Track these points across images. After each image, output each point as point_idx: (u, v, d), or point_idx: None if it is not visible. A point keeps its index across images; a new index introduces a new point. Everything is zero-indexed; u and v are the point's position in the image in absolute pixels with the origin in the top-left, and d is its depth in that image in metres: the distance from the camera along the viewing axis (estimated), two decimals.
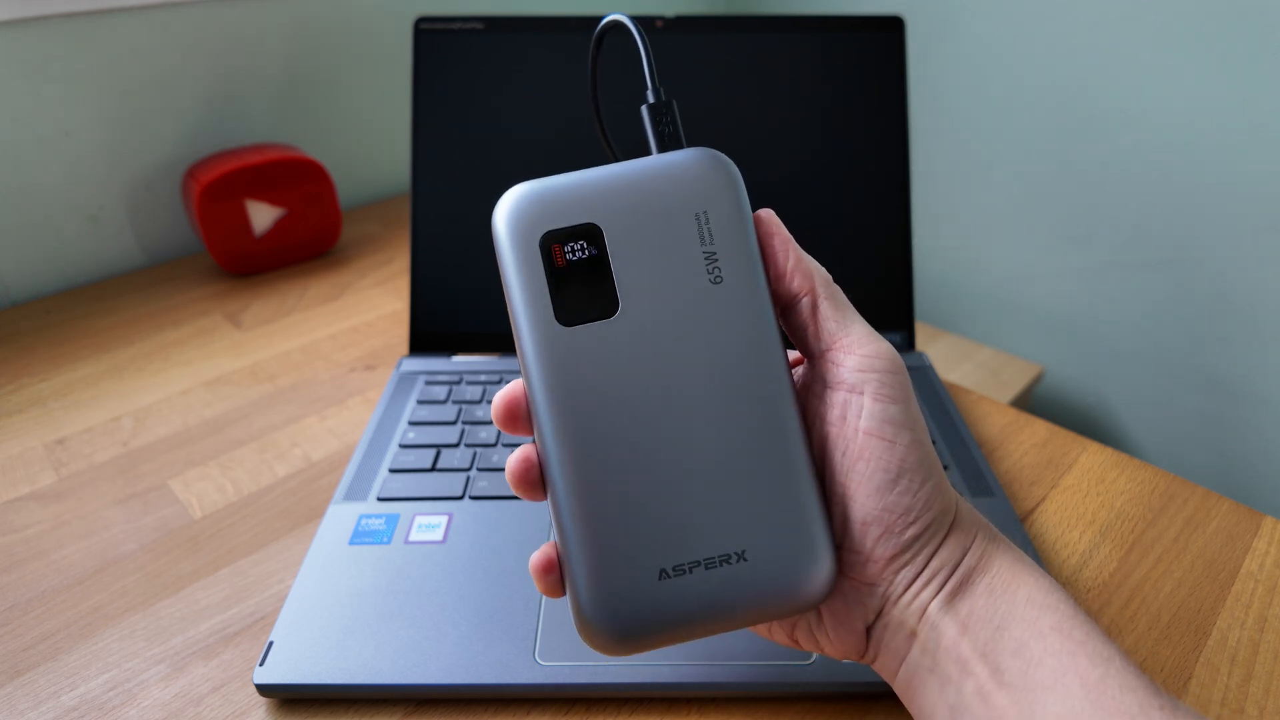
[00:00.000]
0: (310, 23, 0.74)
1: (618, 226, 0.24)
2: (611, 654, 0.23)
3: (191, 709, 0.32)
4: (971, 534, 0.24)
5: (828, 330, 0.25)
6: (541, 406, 0.23)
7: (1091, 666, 0.21)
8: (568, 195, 0.24)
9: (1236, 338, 0.87)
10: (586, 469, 0.23)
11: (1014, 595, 0.23)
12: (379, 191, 0.85)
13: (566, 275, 0.24)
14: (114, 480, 0.45)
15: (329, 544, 0.38)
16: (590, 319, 0.24)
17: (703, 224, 0.24)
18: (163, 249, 0.71)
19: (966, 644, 0.22)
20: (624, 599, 0.22)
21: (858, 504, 0.23)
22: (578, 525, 0.23)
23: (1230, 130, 0.80)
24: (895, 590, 0.23)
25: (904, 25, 0.52)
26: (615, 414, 0.23)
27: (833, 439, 0.24)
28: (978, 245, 1.06)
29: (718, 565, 0.23)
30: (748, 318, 0.24)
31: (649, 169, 0.24)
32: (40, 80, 0.61)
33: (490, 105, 0.52)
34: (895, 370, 0.24)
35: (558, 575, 0.24)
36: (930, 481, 0.23)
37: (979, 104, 0.99)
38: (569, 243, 0.24)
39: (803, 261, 0.25)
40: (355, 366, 0.55)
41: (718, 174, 0.24)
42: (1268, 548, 0.39)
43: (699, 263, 0.24)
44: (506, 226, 0.24)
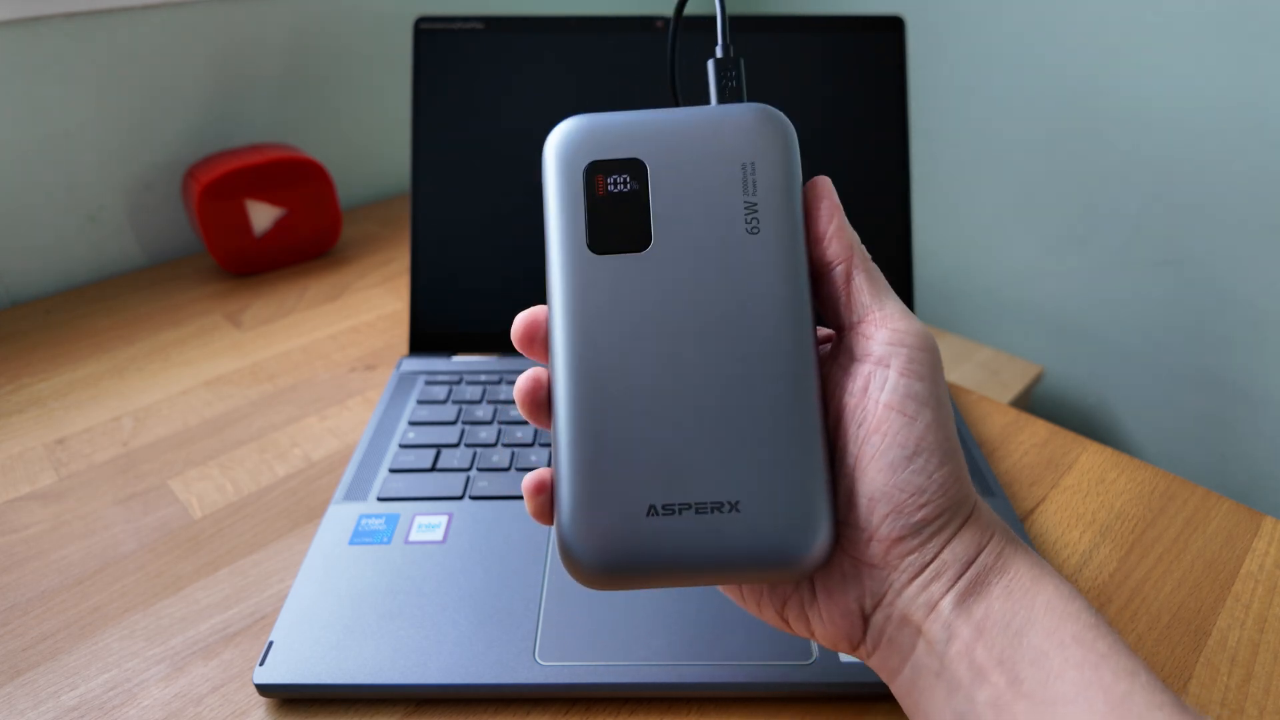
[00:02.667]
0: (310, 23, 0.74)
1: (662, 165, 0.24)
2: (589, 584, 0.22)
3: (191, 709, 0.32)
4: (988, 533, 0.23)
5: (860, 302, 0.24)
6: (558, 327, 0.23)
7: (1116, 681, 0.20)
8: (619, 130, 0.24)
9: (1236, 338, 0.87)
10: (590, 394, 0.23)
11: (1033, 600, 0.22)
12: (379, 191, 0.85)
13: (605, 205, 0.24)
14: (114, 480, 0.45)
15: (329, 544, 0.38)
16: (621, 250, 0.24)
17: (748, 174, 0.24)
18: (163, 249, 0.71)
19: (981, 648, 0.21)
20: (608, 529, 0.22)
21: (868, 478, 0.22)
22: (572, 448, 0.22)
23: (1230, 131, 0.80)
24: (900, 578, 0.22)
25: (904, 26, 0.52)
26: (629, 345, 0.23)
27: (851, 409, 0.23)
28: (978, 245, 1.06)
29: (709, 511, 0.22)
30: (778, 272, 0.23)
31: (704, 115, 0.25)
32: (40, 80, 0.61)
33: (490, 105, 0.52)
34: (926, 348, 0.23)
35: (547, 497, 0.23)
36: (948, 466, 0.22)
37: (979, 104, 0.99)
38: (612, 174, 0.24)
39: (844, 230, 0.24)
40: (355, 366, 0.55)
41: (770, 128, 0.24)
42: (1268, 548, 0.39)
43: (738, 211, 0.24)
44: (554, 152, 0.25)
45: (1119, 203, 0.91)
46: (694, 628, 0.33)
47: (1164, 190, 0.87)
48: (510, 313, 0.52)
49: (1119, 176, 0.90)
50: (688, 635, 0.33)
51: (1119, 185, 0.90)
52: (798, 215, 0.24)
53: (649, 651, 0.32)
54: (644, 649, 0.32)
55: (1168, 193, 0.86)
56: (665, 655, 0.32)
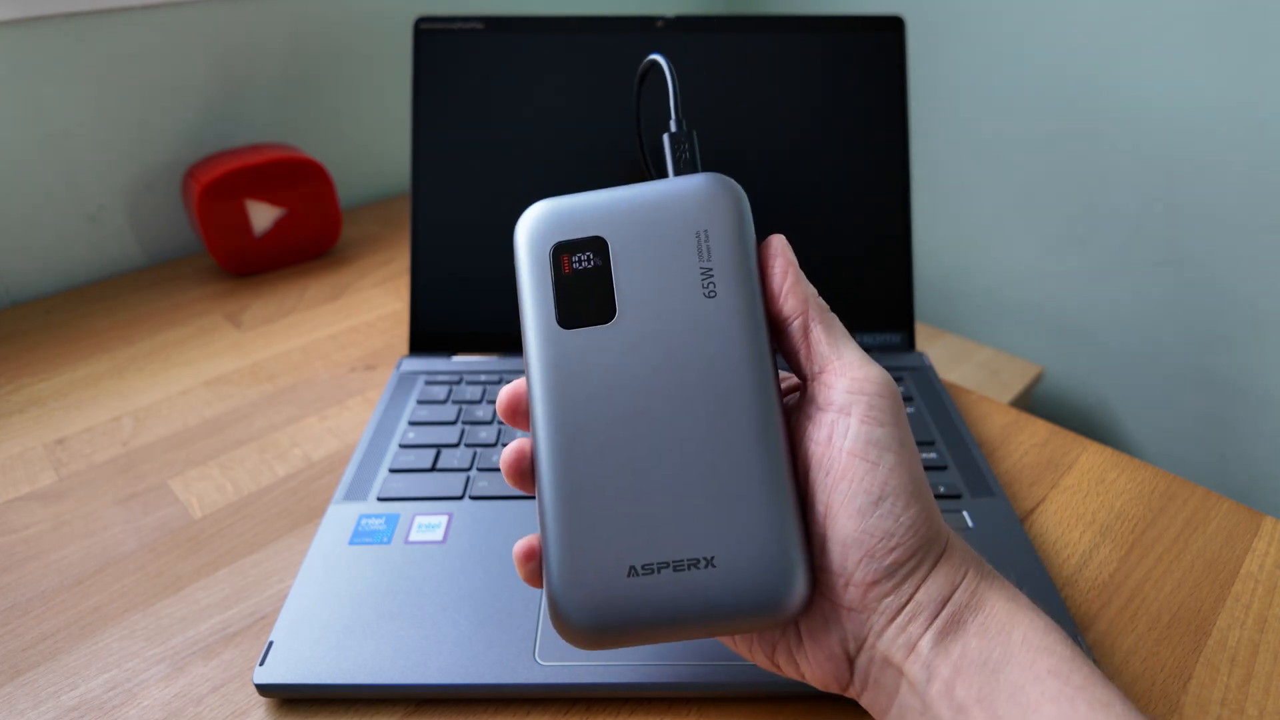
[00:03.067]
0: (310, 23, 0.74)
1: (622, 240, 0.26)
2: (579, 645, 0.23)
3: (191, 709, 0.32)
4: (962, 570, 0.24)
5: (819, 354, 0.25)
6: (536, 401, 0.25)
7: (1091, 712, 0.20)
8: (581, 211, 0.26)
9: (1236, 338, 0.87)
10: (570, 462, 0.24)
11: (1009, 636, 0.22)
12: (379, 191, 0.85)
13: (572, 282, 0.25)
14: (114, 480, 0.45)
15: (329, 544, 0.38)
16: (589, 323, 0.25)
17: (702, 242, 0.25)
18: (163, 249, 0.71)
19: (960, 686, 0.22)
20: (592, 592, 0.23)
21: (839, 525, 0.23)
22: (556, 515, 0.24)
23: (1230, 130, 0.80)
24: (879, 620, 0.23)
25: (904, 25, 0.52)
26: (603, 413, 0.24)
27: (817, 459, 0.24)
28: (978, 245, 1.06)
29: (686, 569, 0.23)
30: (737, 332, 0.25)
31: (660, 190, 0.26)
32: (40, 80, 0.61)
33: (490, 105, 0.52)
34: (885, 394, 0.24)
35: (537, 564, 0.25)
36: (914, 507, 0.23)
37: (979, 104, 0.99)
38: (576, 253, 0.26)
39: (799, 285, 0.25)
40: (355, 366, 0.55)
41: (722, 196, 0.26)
42: (1268, 548, 0.39)
43: (695, 277, 0.25)
44: (524, 235, 0.26)
45: (1119, 203, 0.91)
46: None
47: (1164, 190, 0.87)
48: (511, 313, 0.52)
49: (1119, 176, 0.90)
50: None
51: (1119, 185, 0.90)
52: (753, 276, 0.25)
53: (649, 651, 0.32)
54: (644, 650, 0.32)
55: (1168, 193, 0.86)
56: (665, 655, 0.32)
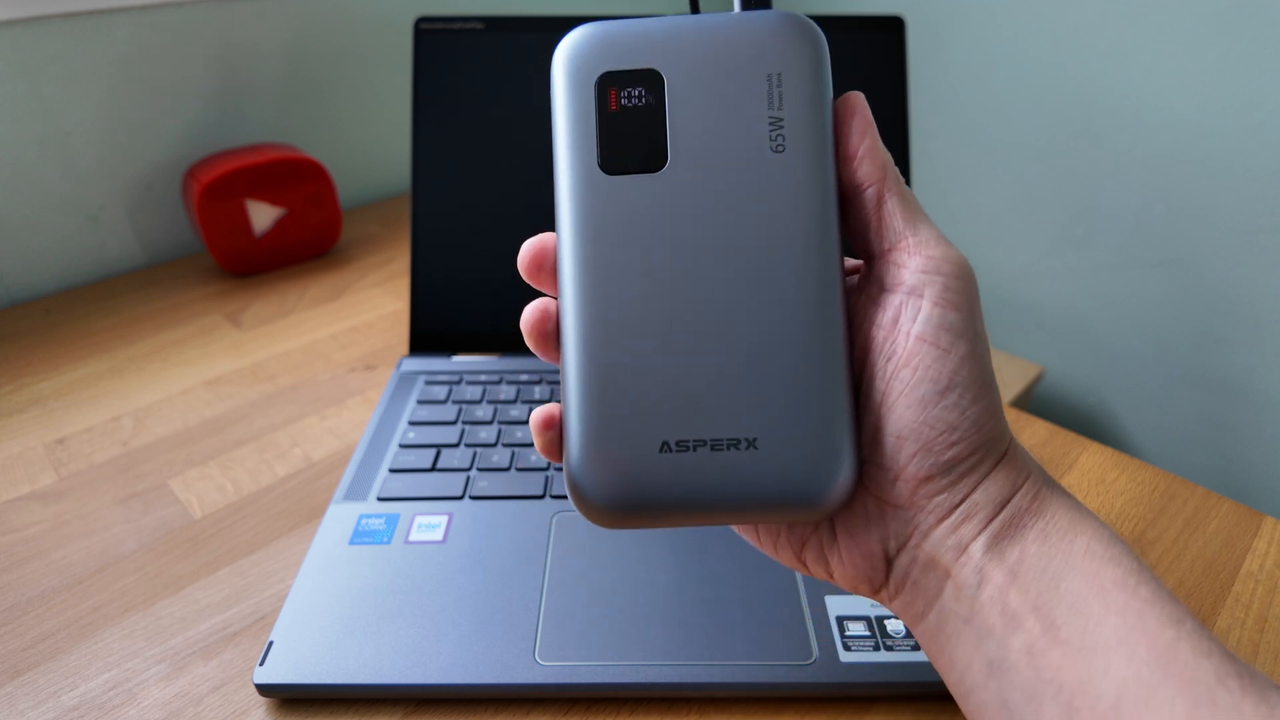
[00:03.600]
0: (310, 23, 0.74)
1: (681, 77, 0.22)
2: (599, 523, 0.21)
3: (191, 709, 0.32)
4: (1024, 472, 0.22)
5: (892, 228, 0.22)
6: (566, 253, 0.22)
7: (1161, 628, 0.18)
8: (634, 38, 0.23)
9: (1236, 338, 0.87)
10: (601, 324, 0.21)
11: (1071, 544, 0.20)
12: (379, 191, 0.85)
13: (619, 121, 0.22)
14: (114, 480, 0.45)
15: (329, 544, 0.38)
16: (635, 170, 0.22)
17: (774, 86, 0.22)
18: (163, 249, 0.71)
19: (1015, 593, 0.20)
20: (619, 465, 0.21)
21: (896, 414, 0.21)
22: (582, 382, 0.21)
23: (1230, 130, 0.80)
24: (927, 520, 0.21)
25: (904, 25, 0.52)
26: (642, 272, 0.22)
27: (879, 342, 0.21)
28: (978, 245, 1.06)
29: (725, 448, 0.21)
30: (804, 193, 0.22)
31: (727, 22, 0.23)
32: (40, 80, 0.61)
33: (490, 105, 0.52)
34: (963, 277, 0.21)
35: (557, 433, 0.22)
36: (982, 402, 0.21)
37: (979, 104, 0.99)
38: (626, 87, 0.22)
39: (877, 150, 0.23)
40: (355, 366, 0.55)
41: (800, 37, 0.23)
42: (1268, 548, 0.39)
43: (763, 127, 0.22)
44: (564, 63, 0.23)
45: (1119, 203, 0.91)
46: (694, 628, 0.33)
47: (1164, 190, 0.87)
48: (511, 313, 0.52)
49: (1119, 177, 0.90)
50: (688, 635, 0.33)
51: (1119, 185, 0.90)
52: (827, 133, 0.22)
53: (649, 651, 0.32)
54: (644, 649, 0.32)
55: (1168, 193, 0.86)
56: (665, 655, 0.32)
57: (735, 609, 0.34)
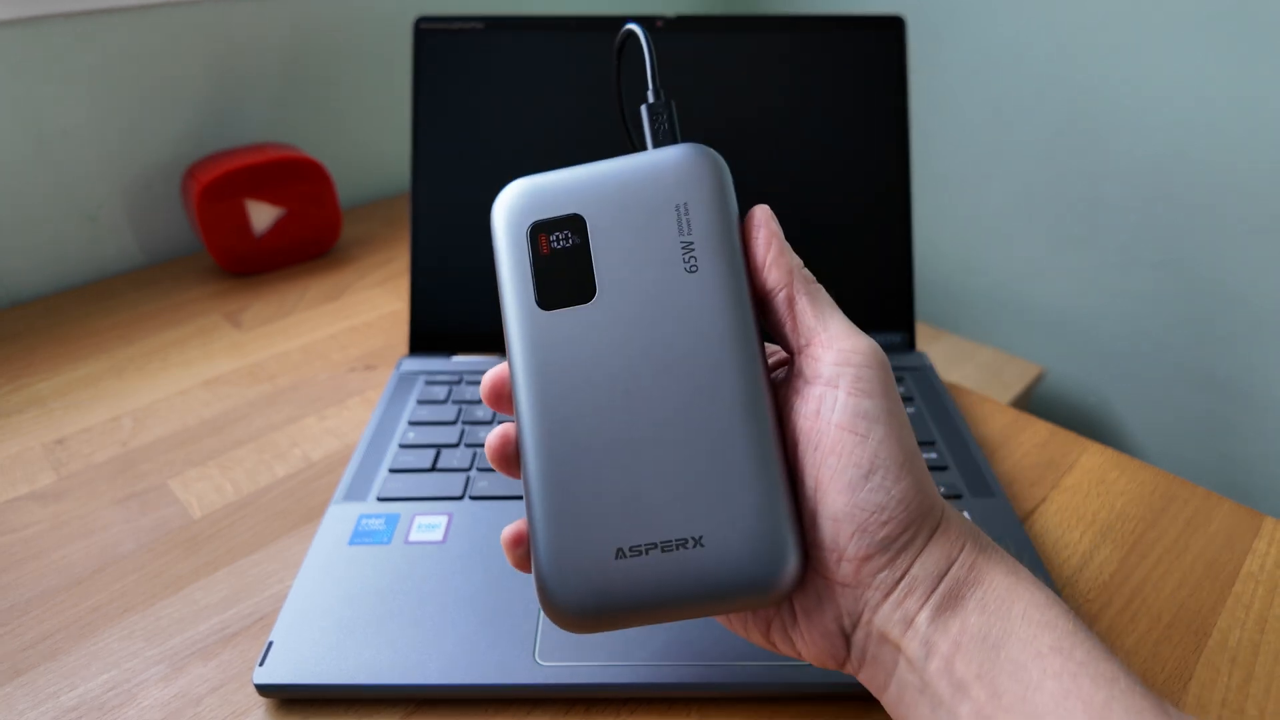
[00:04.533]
0: (310, 23, 0.74)
1: (601, 217, 0.25)
2: (569, 629, 0.23)
3: (191, 709, 0.32)
4: (959, 543, 0.23)
5: (805, 325, 0.24)
6: (519, 384, 0.24)
7: (1095, 689, 0.20)
8: (558, 188, 0.25)
9: (1237, 338, 0.87)
10: (554, 446, 0.23)
11: (1009, 611, 0.22)
12: (379, 191, 0.85)
13: (550, 262, 0.25)
14: (113, 480, 0.45)
15: (329, 544, 0.38)
16: (569, 303, 0.24)
17: (682, 215, 0.25)
18: (162, 249, 0.71)
19: (960, 663, 0.21)
20: (581, 575, 0.23)
21: (829, 499, 0.22)
22: (542, 500, 0.23)
23: (1230, 130, 0.80)
24: (874, 596, 0.22)
25: (905, 25, 0.52)
26: (586, 394, 0.24)
27: (806, 433, 0.23)
28: (978, 245, 1.06)
29: (674, 549, 0.22)
30: (719, 307, 0.24)
31: (638, 163, 0.25)
32: (40, 80, 0.61)
33: (490, 105, 0.52)
34: (873, 365, 0.23)
35: (525, 550, 0.24)
36: (906, 480, 0.22)
37: (980, 104, 0.99)
38: (554, 231, 0.25)
39: (783, 256, 0.25)
40: (355, 366, 0.55)
41: (701, 167, 0.25)
42: (1268, 548, 0.39)
43: (675, 251, 0.24)
44: (501, 216, 0.26)
45: (1120, 203, 0.91)
46: (694, 628, 0.33)
47: (1165, 190, 0.87)
48: None
49: (1120, 176, 0.90)
50: (688, 635, 0.33)
51: (1120, 185, 0.90)
52: (735, 248, 0.25)
53: (649, 651, 0.32)
54: (644, 649, 0.32)
55: (1169, 193, 0.86)
56: (665, 655, 0.32)
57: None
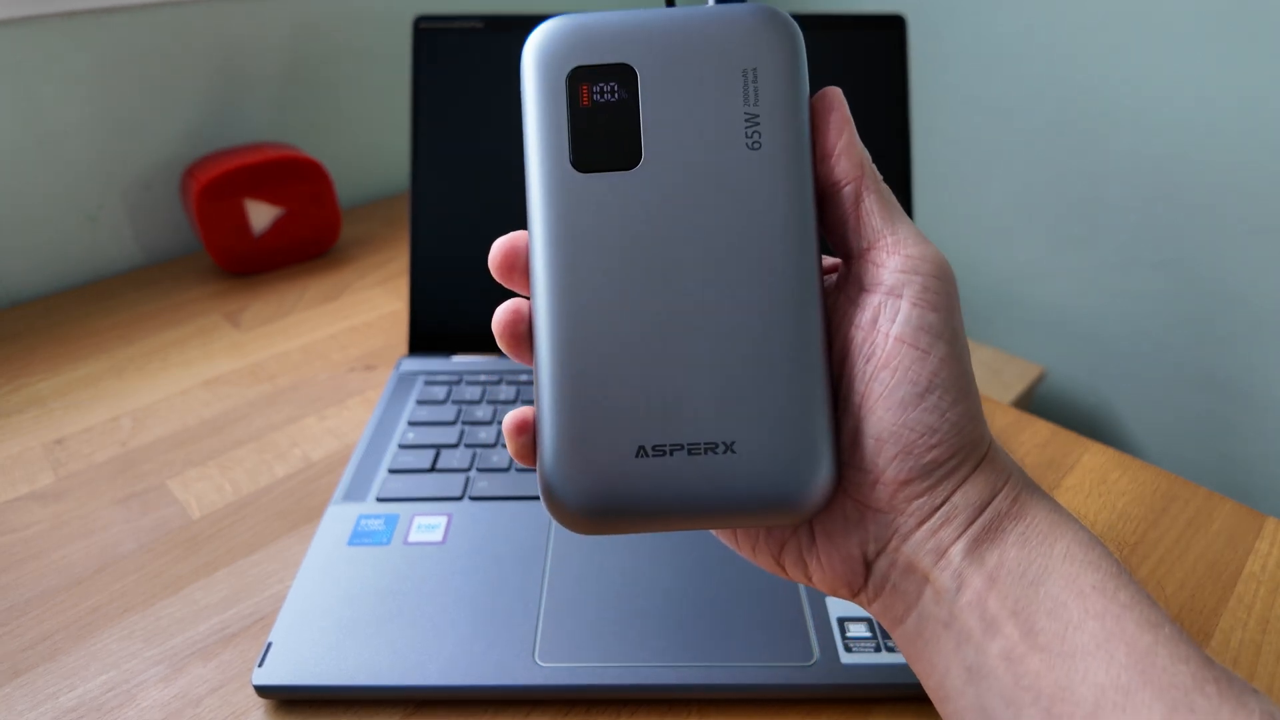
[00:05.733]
0: (310, 22, 0.74)
1: (655, 72, 0.22)
2: (574, 529, 0.21)
3: (190, 710, 0.32)
4: (1004, 475, 0.21)
5: (871, 226, 0.22)
6: (538, 253, 0.22)
7: (1140, 633, 0.19)
8: (606, 32, 0.22)
9: (1237, 338, 0.87)
10: (574, 325, 0.21)
11: (1051, 548, 0.20)
12: (379, 191, 0.85)
13: (590, 117, 0.22)
14: (113, 480, 0.45)
15: (328, 545, 0.38)
16: (608, 167, 0.22)
17: (749, 82, 0.22)
18: (161, 248, 0.71)
19: (994, 598, 0.20)
20: (594, 470, 0.21)
21: (875, 417, 0.21)
22: (555, 385, 0.21)
23: (1231, 130, 0.80)
24: (907, 523, 0.21)
25: (905, 24, 0.52)
26: (617, 273, 0.21)
27: (858, 344, 0.21)
28: (979, 245, 1.06)
29: (701, 452, 0.21)
30: (781, 191, 0.21)
31: (702, 15, 0.22)
32: (39, 79, 0.61)
33: (490, 105, 0.52)
34: (942, 276, 0.21)
35: (530, 438, 0.22)
36: (962, 404, 0.21)
37: (980, 104, 0.99)
38: (598, 82, 0.22)
39: (854, 146, 0.22)
40: (354, 366, 0.55)
41: (775, 31, 0.22)
42: (1270, 549, 0.39)
43: (738, 123, 0.22)
44: (534, 57, 0.23)
45: (1120, 202, 0.91)
46: (694, 628, 0.33)
47: (1165, 190, 0.87)
48: None
49: (1120, 176, 0.89)
50: (688, 635, 0.33)
51: (1120, 185, 0.90)
52: (804, 129, 0.22)
53: (649, 652, 0.32)
54: (644, 649, 0.32)
55: (1169, 192, 0.86)
56: (665, 656, 0.32)
57: (736, 610, 0.34)
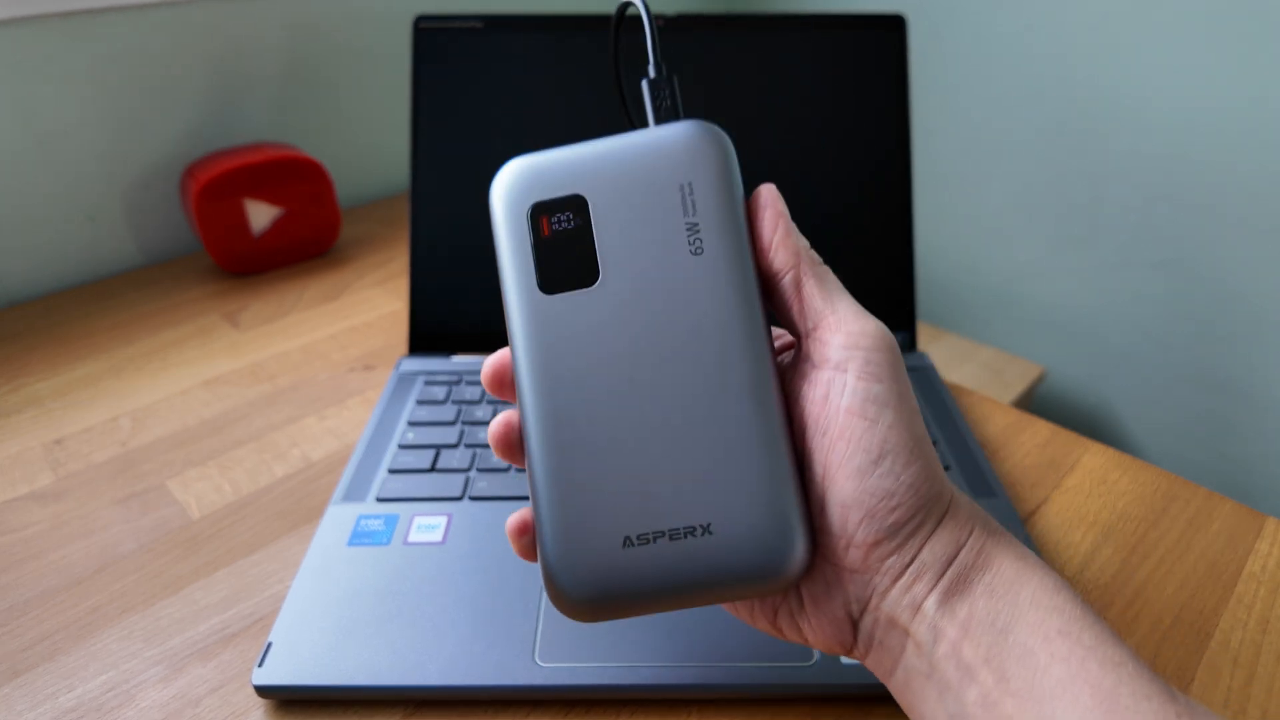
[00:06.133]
0: (309, 22, 0.74)
1: (603, 197, 0.24)
2: (576, 618, 0.23)
3: (190, 710, 0.32)
4: (968, 528, 0.23)
5: (813, 308, 0.24)
6: (521, 370, 0.24)
7: (1103, 673, 0.20)
8: (558, 168, 0.25)
9: (1238, 338, 0.87)
10: (559, 433, 0.23)
11: (1017, 596, 0.22)
12: (379, 191, 0.85)
13: (551, 244, 0.24)
14: (112, 480, 0.45)
15: (328, 545, 0.38)
16: (571, 287, 0.24)
17: (686, 195, 0.24)
18: (161, 248, 0.71)
19: (968, 647, 0.21)
20: (588, 564, 0.22)
21: (837, 486, 0.22)
22: (548, 488, 0.23)
23: (1232, 130, 0.80)
24: (882, 581, 0.22)
25: (906, 24, 0.52)
26: (590, 381, 0.23)
27: (814, 418, 0.23)
28: (980, 245, 1.06)
29: (682, 537, 0.22)
30: (725, 289, 0.23)
31: (640, 141, 0.25)
32: (38, 80, 0.61)
33: (490, 105, 0.52)
34: (882, 349, 0.23)
35: (531, 538, 0.24)
36: (915, 465, 0.22)
37: (981, 104, 0.99)
38: (555, 213, 0.24)
39: (790, 237, 0.24)
40: (354, 366, 0.55)
41: (705, 145, 0.24)
42: (1270, 549, 0.39)
43: (680, 233, 0.24)
44: (499, 198, 0.25)
45: (1121, 202, 0.90)
46: (694, 628, 0.33)
47: (1166, 190, 0.87)
48: None
49: (1121, 176, 0.89)
50: (688, 636, 0.33)
51: (1121, 185, 0.90)
52: (741, 229, 0.24)
53: (649, 652, 0.32)
54: (644, 649, 0.32)
55: (1170, 192, 0.86)
56: (665, 656, 0.32)
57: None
